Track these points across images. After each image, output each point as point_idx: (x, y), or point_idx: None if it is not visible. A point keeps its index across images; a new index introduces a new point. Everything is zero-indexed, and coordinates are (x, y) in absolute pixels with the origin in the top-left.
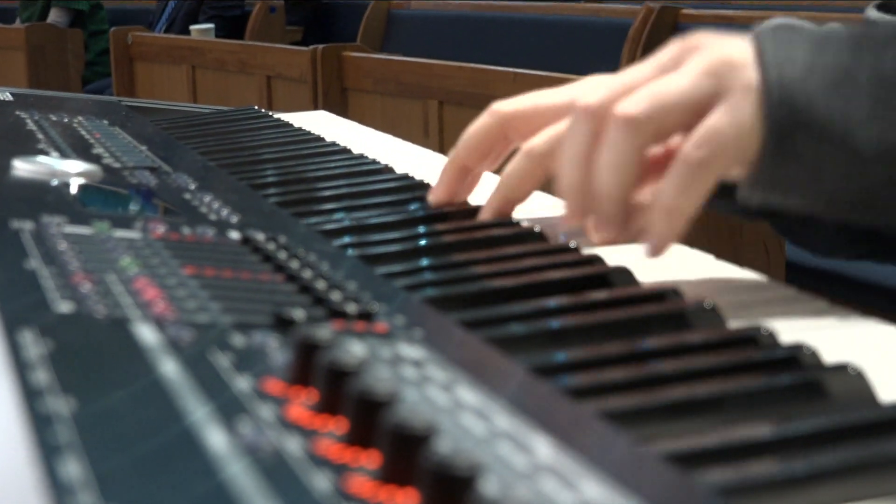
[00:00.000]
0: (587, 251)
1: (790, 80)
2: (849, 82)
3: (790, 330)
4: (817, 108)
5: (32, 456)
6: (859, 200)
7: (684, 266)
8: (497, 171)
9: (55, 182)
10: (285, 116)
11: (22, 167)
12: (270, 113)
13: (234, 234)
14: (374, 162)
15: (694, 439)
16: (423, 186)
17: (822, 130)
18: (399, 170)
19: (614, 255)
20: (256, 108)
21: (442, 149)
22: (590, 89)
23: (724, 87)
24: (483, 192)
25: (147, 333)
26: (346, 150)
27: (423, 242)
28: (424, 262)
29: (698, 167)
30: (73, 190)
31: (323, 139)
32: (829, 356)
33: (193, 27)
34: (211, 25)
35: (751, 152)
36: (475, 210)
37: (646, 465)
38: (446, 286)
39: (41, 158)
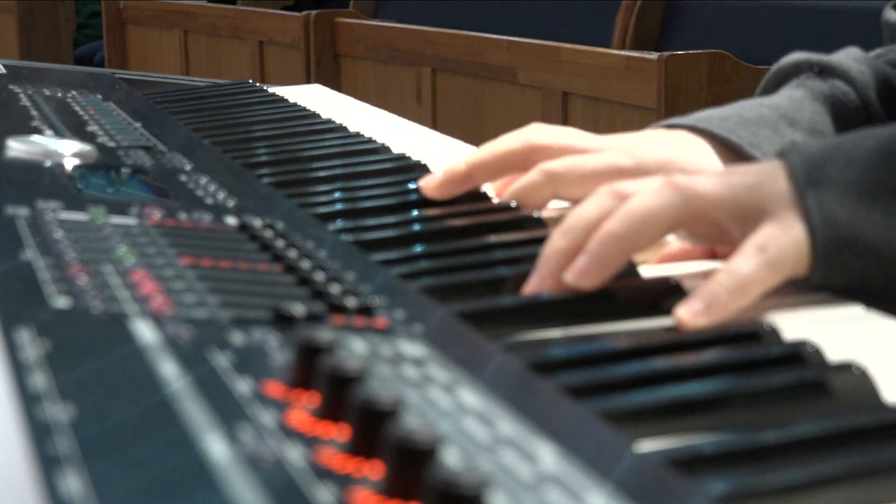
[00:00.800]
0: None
1: (828, 200)
2: (887, 192)
3: (791, 324)
4: (858, 222)
5: (32, 468)
6: None
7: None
8: None
9: (49, 163)
10: (280, 90)
11: (16, 147)
12: (265, 87)
13: (231, 220)
14: (370, 141)
15: (696, 443)
16: (421, 167)
17: (866, 244)
18: (394, 147)
19: None
20: (251, 81)
21: (434, 117)
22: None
23: (767, 206)
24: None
25: (145, 331)
26: (342, 128)
27: (420, 227)
28: (422, 248)
29: (767, 266)
30: (68, 172)
31: (318, 116)
32: (831, 352)
33: None
34: None
35: (805, 264)
36: (473, 194)
37: (649, 472)
38: (444, 275)
39: (35, 138)
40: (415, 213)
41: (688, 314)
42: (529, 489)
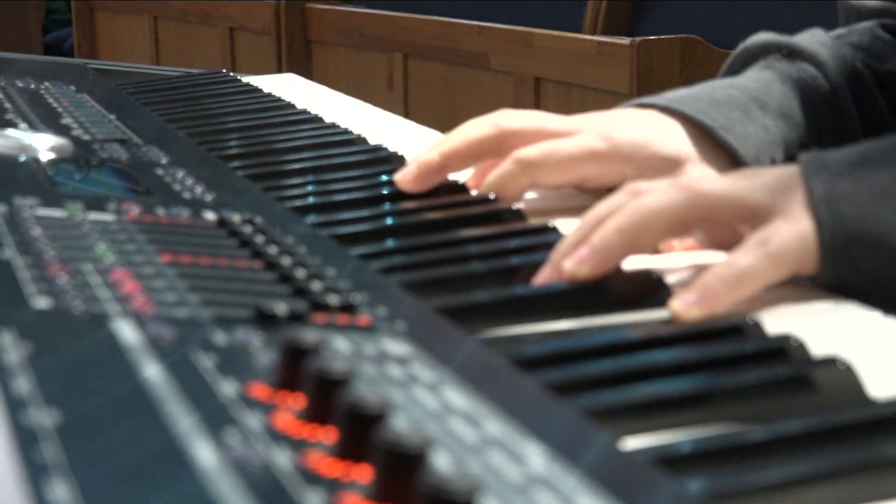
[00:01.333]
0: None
1: (837, 196)
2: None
3: (773, 317)
4: (868, 219)
5: (19, 477)
6: None
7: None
8: None
9: (24, 158)
10: (253, 80)
11: None
12: (239, 76)
13: (210, 215)
14: (346, 132)
15: (681, 441)
16: (398, 159)
17: (876, 240)
18: (368, 137)
19: None
20: (224, 71)
21: (406, 102)
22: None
23: (777, 203)
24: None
25: (127, 332)
26: (317, 119)
27: (399, 221)
28: (401, 243)
29: (768, 259)
30: (44, 167)
31: (294, 106)
32: (813, 344)
33: None
34: None
35: (812, 261)
36: (452, 186)
37: (636, 471)
38: (424, 269)
39: (10, 132)
40: (394, 206)
41: (681, 305)
42: (519, 492)
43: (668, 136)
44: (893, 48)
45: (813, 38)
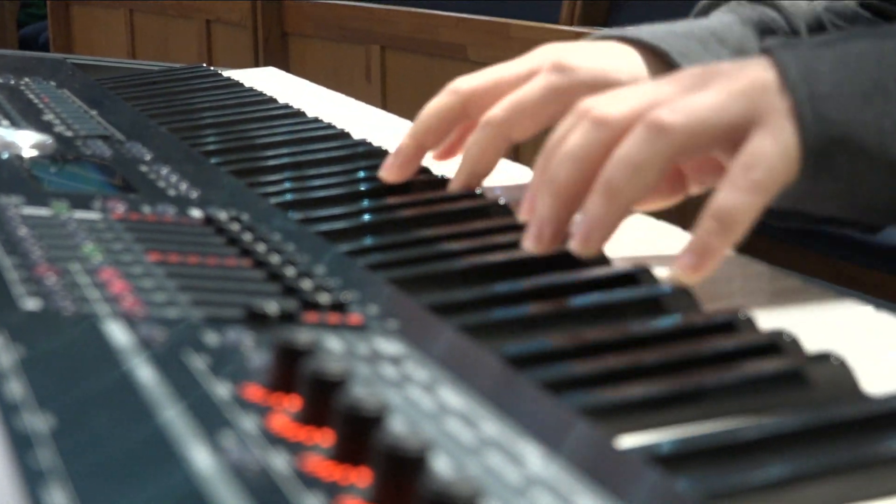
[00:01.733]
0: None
1: (820, 97)
2: (879, 94)
3: (765, 311)
4: (850, 122)
5: (15, 483)
6: (894, 208)
7: (652, 238)
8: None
9: (6, 155)
10: (235, 74)
11: None
12: (219, 71)
13: (196, 213)
14: (329, 126)
15: (676, 438)
16: (382, 154)
17: (858, 144)
18: (350, 131)
19: None
20: (204, 65)
21: (384, 95)
22: (608, 100)
23: (758, 110)
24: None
25: (118, 333)
26: (300, 114)
27: (384, 217)
28: (387, 239)
29: (754, 190)
30: (28, 164)
31: (276, 101)
32: (805, 338)
33: None
34: None
35: (794, 171)
36: (438, 180)
37: (635, 471)
38: (412, 266)
39: None
40: (380, 202)
41: (682, 270)
42: (519, 493)
43: (624, 63)
44: (867, 21)
45: None
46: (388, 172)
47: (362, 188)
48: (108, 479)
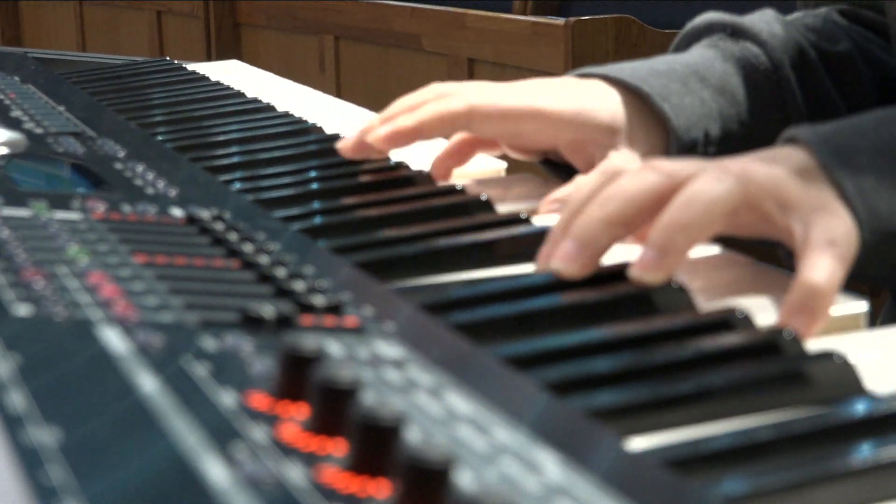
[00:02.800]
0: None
1: (867, 191)
2: None
3: (758, 308)
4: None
5: (28, 500)
6: None
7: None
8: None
9: None
10: (199, 67)
11: None
12: (183, 64)
13: (177, 211)
14: (301, 121)
15: (688, 440)
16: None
17: None
18: (322, 125)
19: None
20: (168, 59)
21: (338, 85)
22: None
23: (810, 193)
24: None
25: (115, 340)
26: (270, 108)
27: (366, 214)
28: (370, 237)
29: (844, 264)
30: (1, 163)
31: (243, 94)
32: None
33: None
34: None
35: (854, 256)
36: (420, 177)
37: (647, 475)
38: (403, 263)
39: None
40: (362, 198)
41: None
42: (543, 502)
43: (604, 104)
44: (846, 32)
45: (759, 18)
46: (378, 142)
47: (342, 184)
48: (124, 497)
